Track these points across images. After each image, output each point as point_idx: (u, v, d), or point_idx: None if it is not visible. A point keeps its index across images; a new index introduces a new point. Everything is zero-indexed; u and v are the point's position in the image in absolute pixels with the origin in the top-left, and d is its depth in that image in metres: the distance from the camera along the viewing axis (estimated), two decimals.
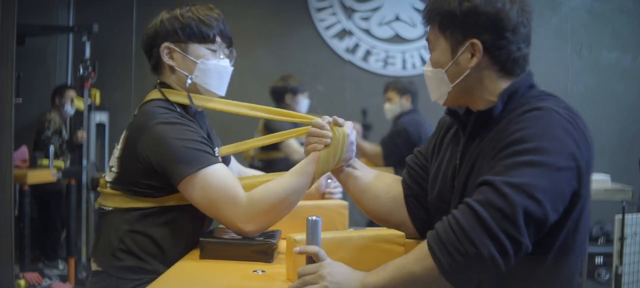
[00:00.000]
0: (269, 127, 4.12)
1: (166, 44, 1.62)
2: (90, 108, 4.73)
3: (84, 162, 4.61)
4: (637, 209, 3.65)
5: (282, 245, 1.48)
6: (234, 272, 1.39)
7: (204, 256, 1.49)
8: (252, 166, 3.83)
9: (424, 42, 5.54)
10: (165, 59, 1.62)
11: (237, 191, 1.48)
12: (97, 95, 4.82)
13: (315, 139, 1.53)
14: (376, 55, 5.57)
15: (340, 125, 1.54)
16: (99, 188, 1.65)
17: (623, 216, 3.31)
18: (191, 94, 1.61)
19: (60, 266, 4.74)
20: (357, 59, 5.58)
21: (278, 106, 4.30)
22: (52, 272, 4.56)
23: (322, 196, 1.94)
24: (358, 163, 1.57)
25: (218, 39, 1.64)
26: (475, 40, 1.23)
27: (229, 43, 1.68)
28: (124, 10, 5.38)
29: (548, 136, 1.11)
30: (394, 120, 4.35)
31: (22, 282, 3.96)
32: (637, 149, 4.91)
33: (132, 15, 5.33)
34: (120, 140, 1.59)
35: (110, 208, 1.59)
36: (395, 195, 1.51)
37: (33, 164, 4.26)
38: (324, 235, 1.24)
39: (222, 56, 1.66)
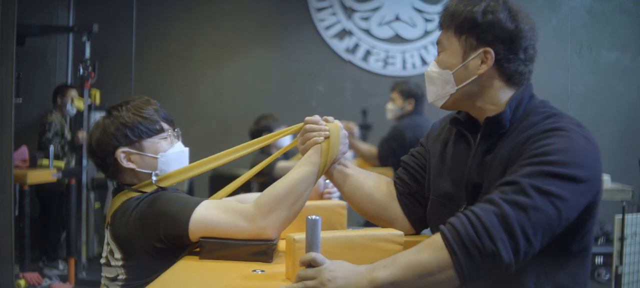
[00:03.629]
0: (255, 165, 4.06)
1: (121, 150, 1.62)
2: (90, 108, 4.73)
3: (84, 162, 4.61)
4: (637, 209, 3.65)
5: (282, 244, 1.48)
6: (234, 272, 1.39)
7: (203, 256, 1.48)
8: (247, 189, 3.79)
9: (423, 42, 5.54)
10: (125, 163, 1.62)
11: (236, 204, 1.51)
12: (97, 95, 4.82)
13: (314, 133, 1.55)
14: (376, 55, 5.57)
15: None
16: None
17: (623, 216, 3.31)
18: (159, 179, 1.61)
19: (60, 266, 4.74)
20: (357, 59, 5.59)
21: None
22: (52, 272, 4.57)
23: (321, 196, 1.94)
24: (349, 162, 1.62)
25: (164, 125, 1.66)
26: (489, 49, 1.30)
27: (172, 124, 1.70)
28: (124, 10, 5.39)
29: (572, 152, 1.19)
30: (393, 121, 4.35)
31: (22, 282, 3.96)
32: (637, 149, 4.91)
33: (132, 15, 5.33)
34: (116, 250, 1.57)
35: None
36: (386, 193, 1.55)
37: (33, 164, 4.26)
38: (322, 235, 1.23)
39: (174, 140, 1.68)
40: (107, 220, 1.63)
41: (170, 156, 1.65)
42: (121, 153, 1.62)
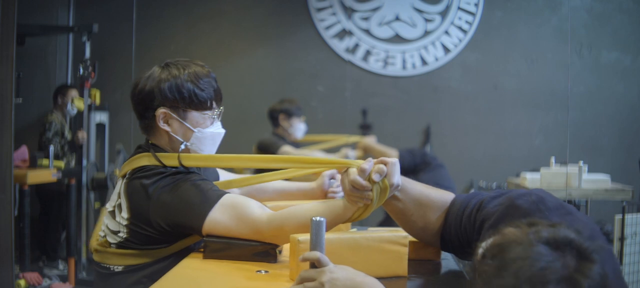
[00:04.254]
0: (261, 146, 4.10)
1: (163, 110, 1.59)
2: (90, 108, 4.73)
3: (84, 162, 4.60)
4: (637, 209, 3.65)
5: (286, 245, 1.48)
6: (238, 272, 1.39)
7: (207, 255, 1.49)
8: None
9: (423, 42, 5.54)
10: (161, 124, 1.60)
11: (250, 212, 1.48)
12: (97, 95, 4.82)
13: (355, 198, 1.39)
14: (376, 55, 5.57)
15: (382, 171, 1.36)
16: (97, 249, 1.61)
17: (623, 216, 3.32)
18: (182, 156, 1.59)
19: (60, 266, 4.74)
20: (357, 59, 5.58)
21: (274, 128, 4.29)
22: (52, 272, 4.56)
23: (325, 195, 1.93)
24: (402, 188, 1.41)
25: (214, 104, 1.64)
26: None
27: (220, 101, 1.67)
28: (124, 10, 5.38)
29: None
30: None
31: (22, 282, 3.96)
32: (637, 149, 4.91)
33: (132, 15, 5.32)
34: (125, 209, 1.55)
35: (119, 268, 1.57)
36: (433, 233, 1.45)
37: (33, 164, 4.26)
38: (327, 235, 1.23)
39: (215, 118, 1.66)
40: (122, 171, 1.62)
41: (206, 133, 1.63)
42: (162, 113, 1.59)
